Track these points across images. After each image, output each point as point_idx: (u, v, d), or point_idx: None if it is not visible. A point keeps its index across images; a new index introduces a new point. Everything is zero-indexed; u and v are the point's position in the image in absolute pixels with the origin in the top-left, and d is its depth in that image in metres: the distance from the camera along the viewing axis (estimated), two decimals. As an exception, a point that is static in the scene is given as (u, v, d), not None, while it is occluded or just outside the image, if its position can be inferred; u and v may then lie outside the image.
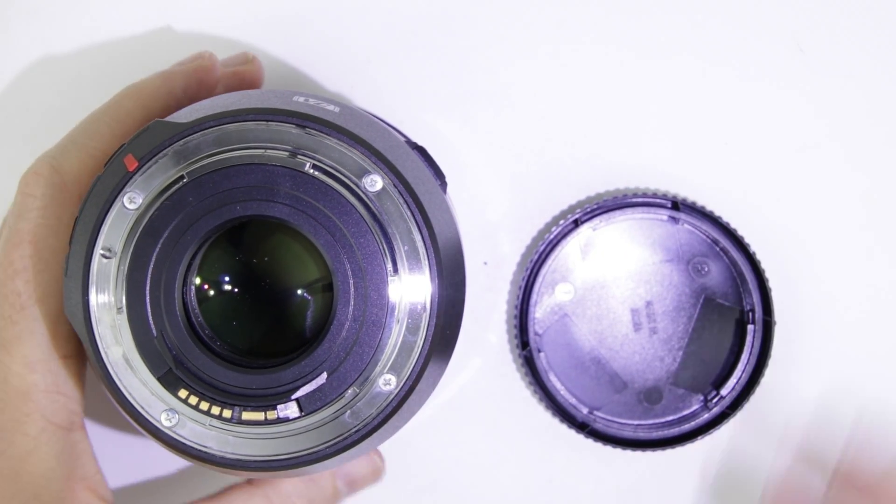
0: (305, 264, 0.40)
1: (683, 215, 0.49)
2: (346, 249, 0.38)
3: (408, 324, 0.38)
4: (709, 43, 0.51)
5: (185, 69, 0.45)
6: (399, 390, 0.38)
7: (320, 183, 0.38)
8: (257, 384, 0.38)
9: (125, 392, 0.39)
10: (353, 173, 0.38)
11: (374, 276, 0.38)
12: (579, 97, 0.51)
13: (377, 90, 0.51)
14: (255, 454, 0.39)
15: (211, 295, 0.40)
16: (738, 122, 0.51)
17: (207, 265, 0.40)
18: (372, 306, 0.38)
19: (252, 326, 0.41)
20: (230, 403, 0.38)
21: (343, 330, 0.38)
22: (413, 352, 0.38)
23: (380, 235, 0.38)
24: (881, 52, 0.51)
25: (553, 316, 0.50)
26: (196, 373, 0.38)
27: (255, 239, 0.41)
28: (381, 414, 0.39)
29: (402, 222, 0.38)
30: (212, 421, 0.38)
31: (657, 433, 0.50)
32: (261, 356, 0.40)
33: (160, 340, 0.38)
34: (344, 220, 0.38)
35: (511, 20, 0.51)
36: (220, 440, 0.39)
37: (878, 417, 0.51)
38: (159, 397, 0.39)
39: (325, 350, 0.38)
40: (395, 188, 0.38)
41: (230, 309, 0.41)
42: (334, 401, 0.38)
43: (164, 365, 0.38)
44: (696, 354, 0.50)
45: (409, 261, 0.38)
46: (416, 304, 0.38)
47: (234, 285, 0.41)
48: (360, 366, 0.38)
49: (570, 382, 0.50)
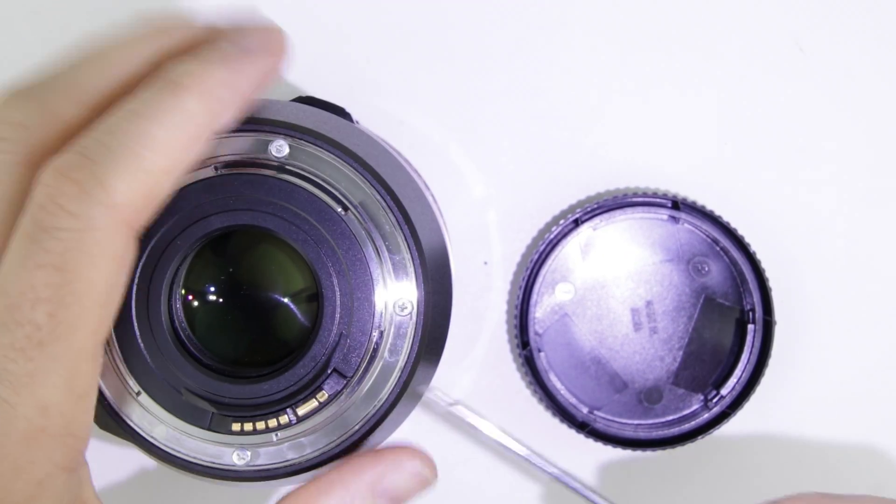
0: (292, 273, 0.40)
1: (684, 215, 0.49)
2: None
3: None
4: (709, 43, 0.51)
5: (260, 65, 0.37)
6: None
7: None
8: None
9: (193, 459, 0.39)
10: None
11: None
12: (579, 97, 0.51)
13: (377, 90, 0.51)
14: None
15: (196, 306, 0.40)
16: (738, 122, 0.51)
17: (193, 276, 0.40)
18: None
19: (239, 336, 0.40)
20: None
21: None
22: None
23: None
24: (881, 52, 0.51)
25: (553, 316, 0.50)
26: (217, 399, 0.38)
27: (240, 249, 0.40)
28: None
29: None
30: (274, 435, 0.39)
31: (657, 433, 0.50)
32: (248, 366, 0.40)
33: (188, 394, 0.38)
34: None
35: (511, 20, 0.51)
36: (275, 453, 0.39)
37: (878, 417, 0.51)
38: (223, 443, 0.39)
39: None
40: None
41: (216, 319, 0.40)
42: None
43: (205, 413, 0.38)
44: (696, 354, 0.50)
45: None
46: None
47: (220, 295, 0.40)
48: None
49: (570, 382, 0.50)
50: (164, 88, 0.35)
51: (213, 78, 0.35)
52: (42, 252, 0.33)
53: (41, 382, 0.34)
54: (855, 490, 0.52)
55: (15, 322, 0.33)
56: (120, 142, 0.34)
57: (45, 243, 0.33)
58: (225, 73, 0.36)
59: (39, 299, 0.33)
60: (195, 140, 0.35)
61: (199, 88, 0.35)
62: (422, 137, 0.51)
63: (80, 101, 0.36)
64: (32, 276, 0.33)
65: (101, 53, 0.37)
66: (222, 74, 0.36)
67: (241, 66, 0.36)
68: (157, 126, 0.34)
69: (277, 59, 0.37)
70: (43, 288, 0.33)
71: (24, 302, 0.33)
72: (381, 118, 0.51)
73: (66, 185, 0.33)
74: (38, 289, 0.33)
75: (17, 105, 0.36)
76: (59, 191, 0.33)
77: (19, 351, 0.34)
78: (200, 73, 0.35)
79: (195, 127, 0.35)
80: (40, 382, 0.34)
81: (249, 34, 0.37)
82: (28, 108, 0.36)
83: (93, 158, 0.34)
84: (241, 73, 0.36)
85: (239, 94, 0.36)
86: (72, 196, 0.33)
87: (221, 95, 0.35)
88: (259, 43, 0.37)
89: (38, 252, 0.33)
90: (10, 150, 0.35)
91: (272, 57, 0.37)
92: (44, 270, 0.33)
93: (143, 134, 0.34)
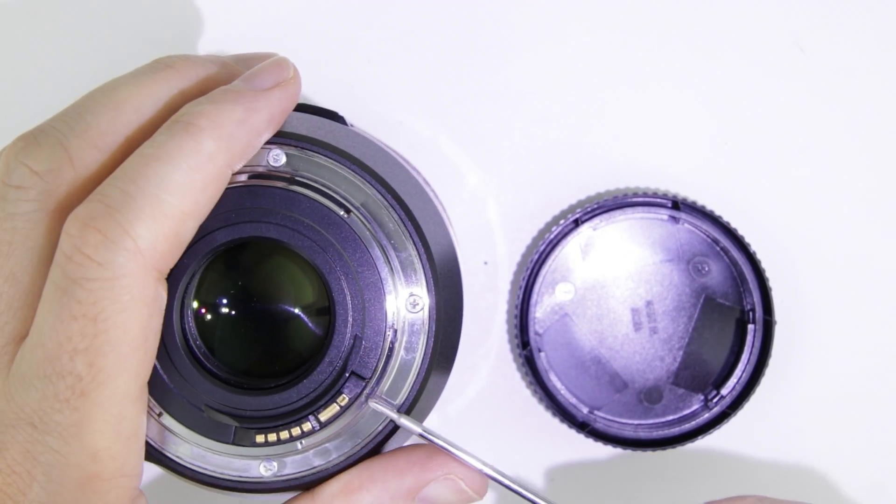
0: (301, 281, 0.40)
1: (684, 215, 0.49)
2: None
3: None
4: (709, 43, 0.51)
5: (275, 101, 0.38)
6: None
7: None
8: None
9: (220, 475, 0.39)
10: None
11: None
12: (579, 97, 0.51)
13: (377, 90, 0.51)
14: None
15: (208, 321, 0.40)
16: (738, 122, 0.51)
17: (203, 291, 0.40)
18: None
19: (254, 347, 0.40)
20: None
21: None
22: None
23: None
24: (881, 52, 0.51)
25: (553, 315, 0.50)
26: (239, 412, 0.38)
27: (247, 261, 0.40)
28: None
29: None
30: (299, 443, 0.39)
31: (657, 433, 0.50)
32: (265, 376, 0.39)
33: (209, 410, 0.38)
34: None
35: (511, 20, 0.51)
36: (301, 461, 0.39)
37: (878, 417, 0.51)
38: (248, 456, 0.39)
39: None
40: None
41: (230, 333, 0.40)
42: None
43: (228, 427, 0.38)
44: (696, 354, 0.50)
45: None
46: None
47: (232, 308, 0.40)
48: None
49: (570, 382, 0.50)
50: (180, 131, 0.35)
51: (229, 118, 0.36)
52: (74, 303, 0.34)
53: (88, 430, 0.34)
54: (856, 490, 0.52)
55: (56, 374, 0.34)
56: (140, 188, 0.34)
57: (77, 294, 0.34)
58: (240, 112, 0.36)
59: (77, 350, 0.34)
60: (215, 180, 0.36)
61: (216, 129, 0.36)
62: (421, 137, 0.51)
63: (100, 147, 0.36)
64: (68, 327, 0.34)
65: (115, 96, 0.37)
66: (238, 114, 0.36)
67: (256, 104, 0.37)
68: (175, 169, 0.35)
69: (291, 93, 0.38)
70: (79, 339, 0.34)
71: (62, 354, 0.34)
72: (381, 118, 0.51)
73: (90, 234, 0.34)
74: (75, 340, 0.34)
75: (37, 153, 0.36)
76: (85, 241, 0.34)
77: (64, 402, 0.34)
78: (216, 113, 0.36)
79: (214, 167, 0.35)
80: (88, 430, 0.34)
81: (262, 71, 0.38)
82: (50, 155, 0.36)
83: (115, 206, 0.34)
84: (257, 111, 0.37)
85: (255, 132, 0.37)
86: (97, 245, 0.34)
87: (238, 135, 0.36)
88: (272, 79, 0.38)
89: (71, 303, 0.34)
90: (35, 198, 0.36)
91: (286, 92, 0.38)
92: (78, 322, 0.34)
93: (162, 178, 0.35)
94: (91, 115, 0.37)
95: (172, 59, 0.39)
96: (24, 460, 0.35)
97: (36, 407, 0.35)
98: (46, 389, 0.34)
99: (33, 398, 0.35)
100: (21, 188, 0.36)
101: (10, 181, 0.36)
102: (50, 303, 0.34)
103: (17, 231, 0.36)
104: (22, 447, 0.35)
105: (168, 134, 0.35)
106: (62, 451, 0.35)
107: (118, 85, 0.37)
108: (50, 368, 0.34)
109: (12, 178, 0.36)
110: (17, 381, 0.35)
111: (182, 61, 0.38)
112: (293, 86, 0.38)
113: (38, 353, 0.34)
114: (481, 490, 0.40)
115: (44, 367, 0.34)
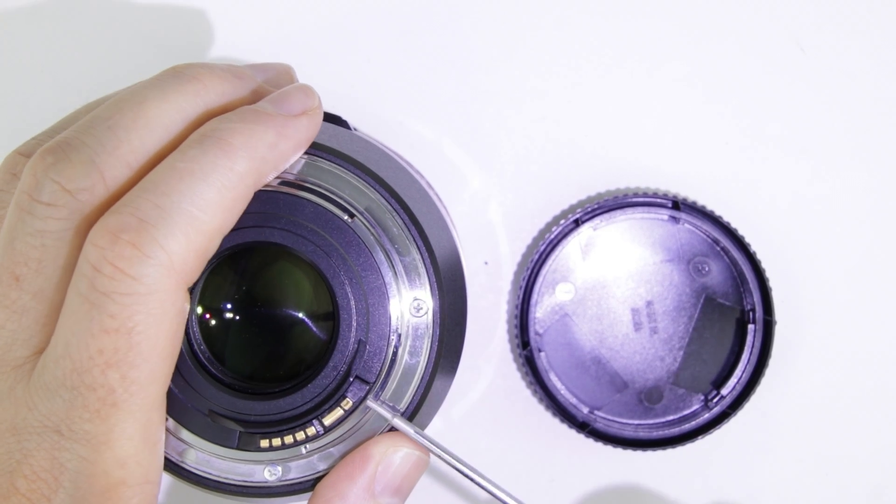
0: (305, 286, 0.40)
1: (684, 215, 0.49)
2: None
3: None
4: (709, 43, 0.51)
5: (302, 129, 0.38)
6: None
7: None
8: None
9: (224, 479, 0.39)
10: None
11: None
12: (580, 97, 0.51)
13: (377, 90, 0.51)
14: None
15: (213, 326, 0.40)
16: (738, 122, 0.51)
17: (207, 296, 0.40)
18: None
19: (258, 352, 0.40)
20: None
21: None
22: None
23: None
24: (881, 52, 0.51)
25: (553, 316, 0.50)
26: (243, 417, 0.38)
27: (255, 265, 0.40)
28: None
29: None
30: (303, 448, 0.39)
31: (657, 433, 0.50)
32: (269, 381, 0.40)
33: (213, 415, 0.38)
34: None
35: (511, 20, 0.51)
36: (306, 466, 0.39)
37: (878, 417, 0.51)
38: (253, 461, 0.39)
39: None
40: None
41: (234, 338, 0.40)
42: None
43: (232, 432, 0.38)
44: (696, 354, 0.50)
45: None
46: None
47: (236, 313, 0.40)
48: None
49: (570, 382, 0.50)
50: (213, 147, 0.35)
51: (262, 140, 0.36)
52: (107, 317, 0.34)
53: (118, 438, 0.35)
54: (856, 490, 0.52)
55: (86, 386, 0.34)
56: (174, 203, 0.34)
57: (109, 308, 0.34)
58: (272, 136, 0.36)
59: (109, 364, 0.34)
60: (243, 199, 0.36)
61: (249, 150, 0.36)
62: (422, 138, 0.51)
63: (131, 165, 0.36)
64: (99, 341, 0.34)
65: (145, 112, 0.37)
66: (270, 138, 0.36)
67: (286, 130, 0.37)
68: (209, 187, 0.35)
69: (317, 122, 0.38)
70: (112, 353, 0.34)
71: (93, 367, 0.34)
72: (381, 119, 0.51)
73: (123, 248, 0.33)
74: (107, 353, 0.34)
75: (69, 171, 0.35)
76: (117, 254, 0.33)
77: (94, 412, 0.34)
78: (249, 134, 0.36)
79: (244, 187, 0.36)
80: (117, 438, 0.35)
81: (290, 97, 0.38)
82: (82, 174, 0.35)
83: (149, 221, 0.34)
84: (287, 137, 0.37)
85: (283, 157, 0.37)
86: (132, 259, 0.33)
87: (268, 157, 0.36)
88: (300, 106, 0.38)
89: (103, 317, 0.34)
90: (66, 217, 0.35)
91: (313, 121, 0.38)
92: (110, 336, 0.34)
93: (196, 195, 0.34)
94: (123, 131, 0.36)
95: (197, 71, 0.38)
96: (50, 467, 0.35)
97: (63, 416, 0.34)
98: (75, 400, 0.34)
99: (59, 407, 0.35)
100: (52, 206, 0.35)
101: (41, 198, 0.35)
102: (77, 315, 0.34)
103: (46, 248, 0.35)
104: (48, 454, 0.35)
105: (200, 149, 0.35)
106: (90, 458, 0.35)
107: (145, 98, 0.37)
108: (79, 380, 0.34)
109: (42, 194, 0.35)
110: (40, 390, 0.35)
111: (208, 74, 0.38)
112: (319, 115, 0.38)
113: (64, 364, 0.34)
114: (424, 448, 0.39)
115: (71, 378, 0.34)
